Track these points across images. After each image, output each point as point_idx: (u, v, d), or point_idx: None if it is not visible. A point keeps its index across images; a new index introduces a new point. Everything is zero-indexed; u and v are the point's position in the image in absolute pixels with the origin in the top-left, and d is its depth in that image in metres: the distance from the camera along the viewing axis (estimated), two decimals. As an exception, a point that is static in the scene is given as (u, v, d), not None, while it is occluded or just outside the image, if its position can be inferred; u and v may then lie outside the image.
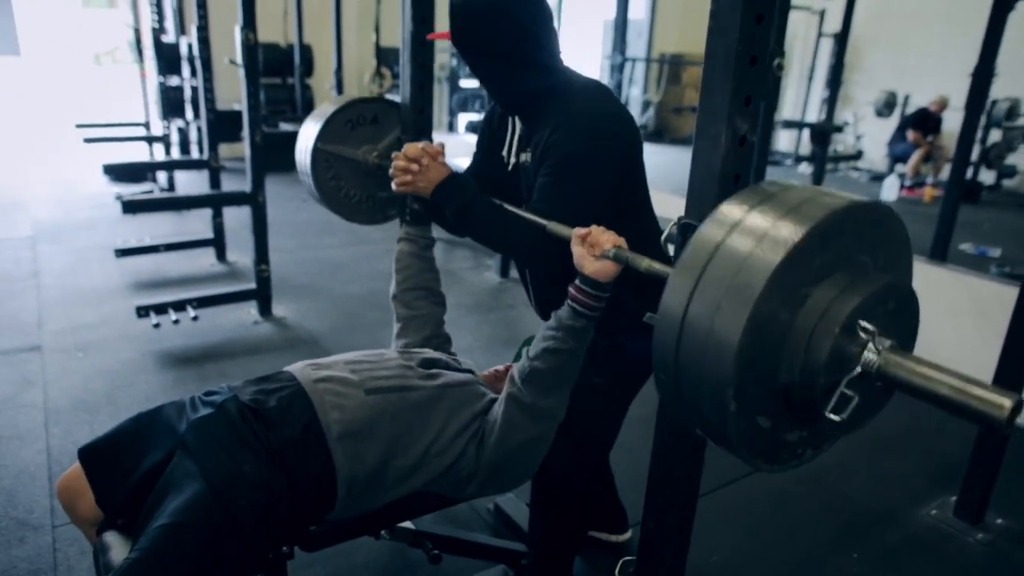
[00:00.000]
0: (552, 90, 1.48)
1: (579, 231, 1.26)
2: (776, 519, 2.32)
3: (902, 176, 7.84)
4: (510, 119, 1.61)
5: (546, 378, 1.34)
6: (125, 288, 4.11)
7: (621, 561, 1.49)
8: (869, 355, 0.88)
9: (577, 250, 1.25)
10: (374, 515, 1.44)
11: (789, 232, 0.87)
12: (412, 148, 1.57)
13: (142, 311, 3.33)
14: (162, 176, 6.43)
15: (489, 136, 1.70)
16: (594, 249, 1.22)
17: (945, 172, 7.97)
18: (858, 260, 0.94)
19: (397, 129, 2.02)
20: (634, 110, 9.36)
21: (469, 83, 8.22)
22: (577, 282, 1.28)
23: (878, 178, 8.19)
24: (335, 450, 1.30)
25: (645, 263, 1.18)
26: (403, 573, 2.01)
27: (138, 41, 6.56)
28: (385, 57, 6.73)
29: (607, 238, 1.22)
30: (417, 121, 2.00)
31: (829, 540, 2.23)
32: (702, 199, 1.12)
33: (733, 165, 1.10)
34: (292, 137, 2.10)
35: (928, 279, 3.37)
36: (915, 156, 7.95)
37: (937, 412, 0.89)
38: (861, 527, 2.30)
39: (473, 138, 2.16)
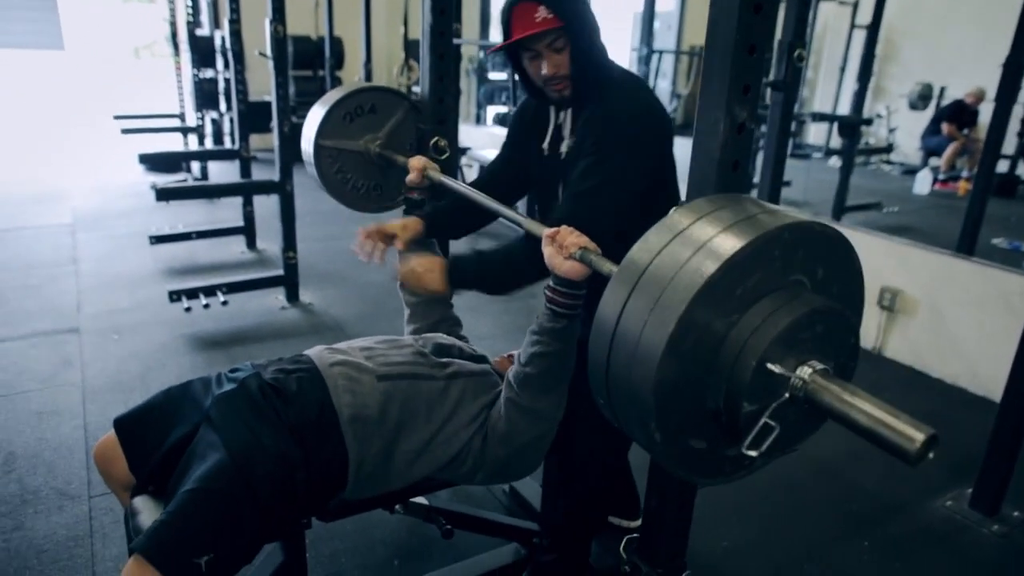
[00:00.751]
0: (606, 81, 1.53)
1: (549, 231, 1.27)
2: (787, 507, 2.34)
3: (935, 170, 7.67)
4: (551, 111, 1.64)
5: (539, 381, 1.36)
6: (158, 274, 4.24)
7: (625, 539, 1.53)
8: (796, 381, 0.86)
9: (547, 250, 1.26)
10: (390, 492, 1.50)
11: (725, 247, 0.85)
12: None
13: (174, 295, 3.45)
14: (195, 166, 6.59)
15: (523, 129, 1.72)
16: (563, 250, 1.23)
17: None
18: (794, 280, 0.92)
19: (398, 114, 2.05)
20: (663, 102, 9.32)
21: (497, 76, 8.25)
22: (551, 283, 1.29)
23: (911, 171, 8.04)
24: (346, 432, 1.36)
25: (607, 266, 1.19)
26: (419, 550, 2.08)
27: (174, 35, 6.72)
28: (413, 50, 6.79)
29: (573, 239, 1.23)
30: (437, 110, 2.05)
31: (839, 529, 2.25)
32: (701, 186, 1.16)
33: (731, 152, 1.13)
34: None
35: (953, 272, 3.34)
36: (950, 149, 7.79)
37: (956, 405, 0.87)
38: (873, 517, 2.31)
39: (500, 130, 2.20)
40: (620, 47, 9.57)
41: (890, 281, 3.51)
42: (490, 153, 5.29)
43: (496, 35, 7.44)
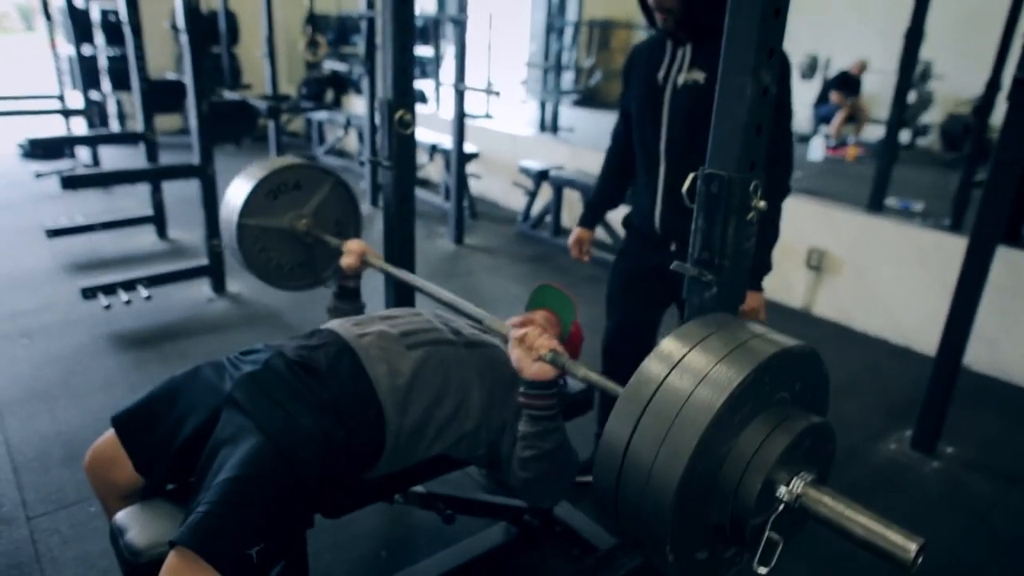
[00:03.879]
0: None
1: (516, 334, 1.25)
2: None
3: (827, 136, 8.17)
4: (669, 45, 1.77)
5: (538, 483, 1.32)
6: (61, 270, 3.88)
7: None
8: (789, 496, 0.91)
9: (515, 353, 1.25)
10: (390, 479, 1.45)
11: (725, 380, 0.89)
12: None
13: (88, 293, 3.16)
14: (83, 152, 6.05)
15: (630, 76, 1.90)
16: (532, 352, 1.22)
17: (865, 132, 8.40)
18: (779, 398, 0.97)
19: (324, 189, 2.01)
20: (568, 76, 9.38)
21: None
22: (522, 389, 1.27)
23: (804, 139, 8.52)
24: (385, 403, 1.31)
25: (582, 371, 1.19)
26: (405, 539, 2.02)
27: (45, 7, 6.10)
28: (320, 25, 6.49)
29: (543, 342, 1.22)
30: (400, 82, 1.96)
31: (802, 478, 2.37)
32: (726, 150, 1.15)
33: (757, 116, 1.13)
34: (224, 107, 2.05)
35: (874, 231, 3.56)
36: (838, 117, 8.30)
37: (888, 357, 0.94)
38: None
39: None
40: (521, 20, 9.55)
41: (817, 242, 3.71)
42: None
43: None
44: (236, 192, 1.92)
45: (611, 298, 2.13)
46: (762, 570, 0.92)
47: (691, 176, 1.22)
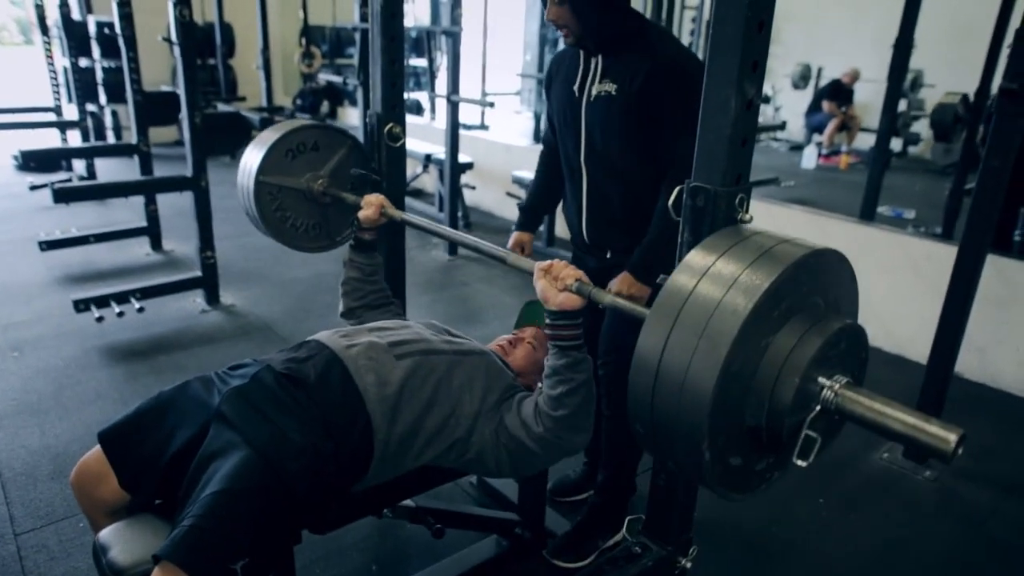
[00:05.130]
0: (641, 31, 1.69)
1: (541, 265, 1.27)
2: (745, 473, 2.43)
3: (819, 145, 8.20)
4: (582, 56, 1.77)
5: (571, 423, 1.32)
6: (55, 282, 3.87)
7: (628, 519, 1.53)
8: (828, 394, 0.93)
9: (540, 283, 1.26)
10: (379, 493, 1.44)
11: (758, 281, 0.91)
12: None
13: (81, 305, 3.16)
14: (78, 164, 6.05)
15: (551, 84, 1.91)
16: (557, 283, 1.24)
17: (858, 141, 8.43)
18: (812, 302, 0.99)
19: (341, 151, 1.99)
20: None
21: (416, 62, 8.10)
22: (548, 320, 1.28)
23: (797, 148, 8.56)
24: (374, 413, 1.31)
25: (608, 298, 1.21)
26: (395, 552, 2.01)
27: (42, 20, 6.11)
28: (314, 36, 6.52)
29: (568, 272, 1.24)
30: (389, 96, 1.97)
31: (796, 489, 2.36)
32: (711, 163, 1.16)
33: (741, 129, 1.14)
34: (218, 119, 2.04)
35: (867, 240, 3.57)
36: (831, 126, 8.33)
37: (880, 366, 0.96)
38: (823, 475, 2.44)
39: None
40: (514, 30, 9.60)
41: (807, 251, 3.71)
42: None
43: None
44: (254, 152, 1.91)
45: None
46: (801, 462, 0.93)
47: (677, 189, 1.23)
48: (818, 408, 0.93)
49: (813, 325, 0.95)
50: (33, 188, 5.19)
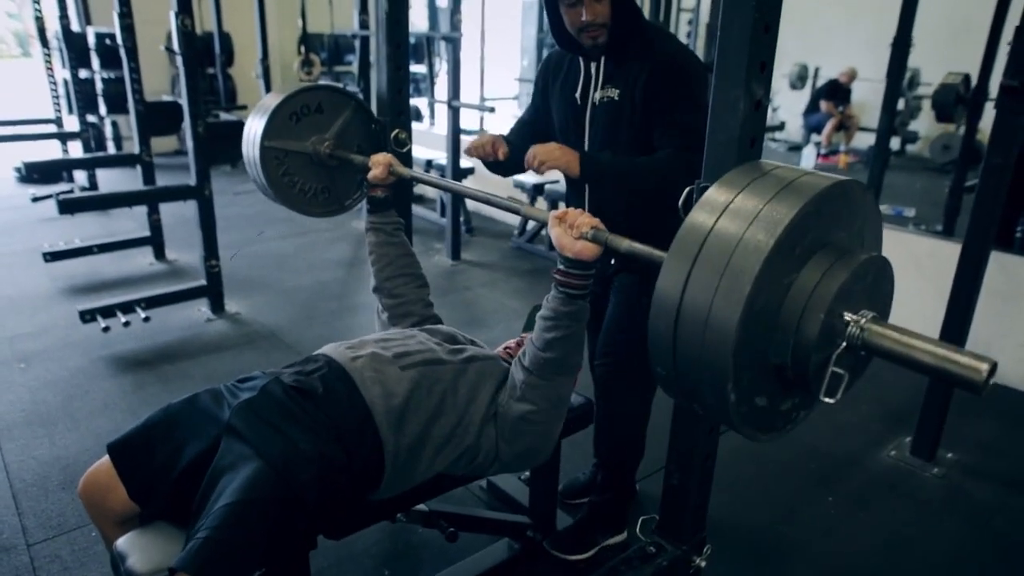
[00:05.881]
0: (641, 30, 1.68)
1: (556, 213, 1.28)
2: (756, 476, 2.44)
3: (818, 145, 8.22)
4: (581, 63, 1.76)
5: (559, 364, 1.36)
6: (59, 294, 3.88)
7: (641, 520, 1.54)
8: (854, 329, 0.91)
9: (556, 231, 1.26)
10: (392, 498, 1.45)
11: (779, 214, 0.89)
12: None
13: (87, 315, 3.16)
14: (80, 175, 6.06)
15: (549, 81, 1.88)
16: (573, 231, 1.24)
17: (856, 140, 8.46)
18: (837, 236, 0.97)
19: (345, 113, 1.96)
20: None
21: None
22: (561, 267, 1.29)
23: (795, 148, 8.58)
24: (381, 424, 1.31)
25: (625, 244, 1.21)
26: (407, 556, 2.02)
27: (42, 32, 6.13)
28: (312, 44, 6.54)
29: (584, 220, 1.24)
30: (395, 102, 1.98)
31: (805, 489, 2.37)
32: (721, 163, 1.17)
33: (750, 129, 1.15)
34: (219, 128, 2.03)
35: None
36: (829, 126, 8.35)
37: (885, 364, 0.94)
38: (831, 474, 2.45)
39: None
40: (512, 35, 9.60)
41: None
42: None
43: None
44: (257, 118, 1.89)
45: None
46: (828, 400, 0.92)
47: (687, 190, 1.24)
48: (844, 344, 0.91)
49: (838, 259, 0.93)
50: (35, 200, 5.17)
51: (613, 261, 1.90)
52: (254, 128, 1.89)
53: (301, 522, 1.20)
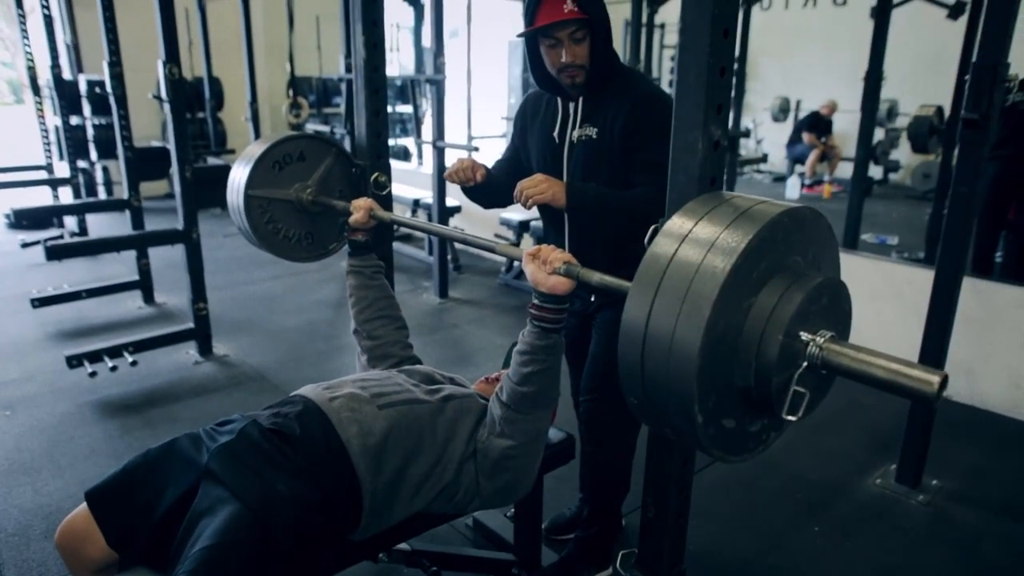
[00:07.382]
0: (619, 71, 1.75)
1: (529, 249, 1.33)
2: (743, 505, 2.44)
3: (802, 175, 8.35)
4: (559, 102, 1.81)
5: (536, 399, 1.39)
6: (47, 339, 3.88)
7: (620, 554, 1.54)
8: (813, 348, 0.95)
9: (530, 267, 1.30)
10: (374, 538, 1.45)
11: (735, 241, 0.93)
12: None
13: (73, 361, 3.17)
14: (70, 220, 6.10)
15: (527, 122, 1.94)
16: (546, 266, 1.28)
17: (839, 170, 8.59)
18: (792, 261, 1.02)
19: (327, 160, 2.01)
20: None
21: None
22: (536, 301, 1.33)
23: (780, 179, 8.71)
24: (358, 464, 1.32)
25: (596, 277, 1.25)
26: (392, 597, 2.01)
27: (34, 80, 6.22)
28: (300, 87, 6.66)
29: (557, 255, 1.29)
30: (374, 146, 2.03)
31: (792, 517, 2.37)
32: (682, 203, 1.20)
33: (709, 169, 1.19)
34: (208, 172, 2.06)
35: (846, 266, 3.62)
36: (812, 156, 8.50)
37: (869, 392, 0.98)
38: (818, 502, 2.45)
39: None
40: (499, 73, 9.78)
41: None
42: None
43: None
44: (241, 167, 1.93)
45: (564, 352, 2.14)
46: (791, 417, 0.95)
47: (652, 228, 1.27)
48: (804, 364, 0.95)
49: (794, 282, 0.97)
50: (25, 246, 5.23)
51: (593, 298, 1.94)
52: (238, 177, 1.93)
53: (279, 564, 1.20)
